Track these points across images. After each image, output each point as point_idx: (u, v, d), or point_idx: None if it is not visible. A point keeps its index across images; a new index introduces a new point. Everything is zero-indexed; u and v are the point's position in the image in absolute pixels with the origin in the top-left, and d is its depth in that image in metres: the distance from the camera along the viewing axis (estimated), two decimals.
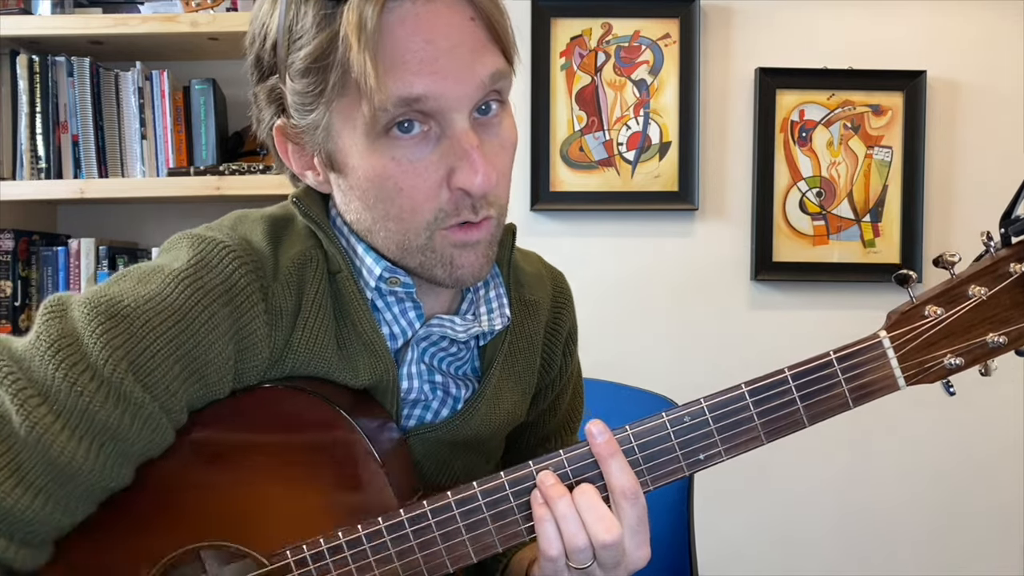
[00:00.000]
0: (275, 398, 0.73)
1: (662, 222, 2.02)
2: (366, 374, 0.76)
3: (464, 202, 0.70)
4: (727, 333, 2.02)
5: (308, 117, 0.69)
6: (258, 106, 0.75)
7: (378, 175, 0.69)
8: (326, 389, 0.74)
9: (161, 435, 0.68)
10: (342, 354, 0.75)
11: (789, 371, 0.71)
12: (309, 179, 0.76)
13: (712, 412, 0.71)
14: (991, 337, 0.70)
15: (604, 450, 0.70)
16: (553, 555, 0.68)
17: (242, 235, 0.74)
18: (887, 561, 2.06)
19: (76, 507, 0.67)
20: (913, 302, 0.71)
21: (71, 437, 0.64)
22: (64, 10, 1.80)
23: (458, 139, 0.68)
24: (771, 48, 2.01)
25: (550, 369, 0.92)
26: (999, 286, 0.69)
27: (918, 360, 0.71)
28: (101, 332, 0.65)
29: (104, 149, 1.80)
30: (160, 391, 0.67)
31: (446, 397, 0.82)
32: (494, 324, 0.81)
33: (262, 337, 0.72)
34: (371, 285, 0.76)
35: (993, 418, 2.04)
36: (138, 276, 0.71)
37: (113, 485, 0.68)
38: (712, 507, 1.95)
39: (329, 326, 0.75)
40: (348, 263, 0.76)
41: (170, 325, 0.68)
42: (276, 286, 0.72)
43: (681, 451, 0.71)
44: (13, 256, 1.78)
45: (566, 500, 0.69)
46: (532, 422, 0.94)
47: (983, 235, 0.71)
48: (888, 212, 2.01)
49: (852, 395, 0.71)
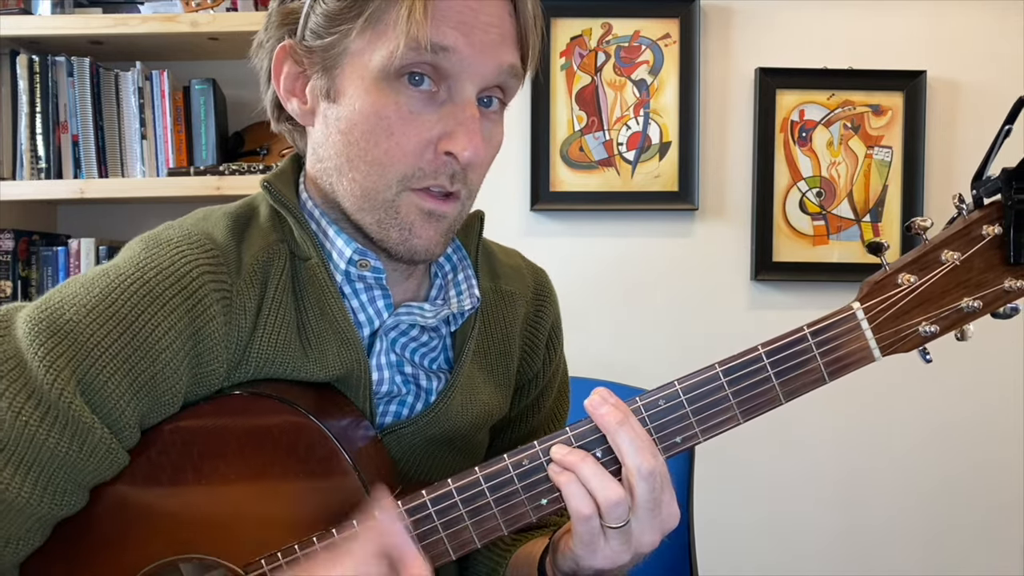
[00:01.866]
0: (240, 406, 0.71)
1: (662, 222, 2.02)
2: (336, 363, 0.74)
3: (445, 168, 0.70)
4: (727, 333, 2.02)
5: (325, 40, 0.70)
6: (268, 27, 0.75)
7: (375, 112, 0.69)
8: (291, 392, 0.72)
9: (112, 459, 0.66)
10: (308, 347, 0.74)
11: (763, 348, 0.70)
12: (292, 105, 0.75)
13: (687, 394, 0.69)
14: (966, 302, 0.69)
15: (611, 420, 0.67)
16: (587, 513, 0.66)
17: (204, 231, 0.72)
18: (887, 561, 2.06)
19: (24, 540, 0.65)
20: (886, 271, 0.70)
21: (16, 472, 0.62)
22: (64, 10, 1.80)
23: (462, 107, 0.69)
24: (771, 48, 2.01)
25: (532, 364, 0.91)
26: (972, 249, 0.69)
27: (893, 329, 0.70)
28: (44, 352, 0.63)
29: (104, 149, 1.79)
30: (108, 410, 0.65)
31: (419, 391, 0.81)
32: (463, 305, 0.80)
33: (219, 339, 0.69)
34: (341, 268, 0.75)
35: (993, 418, 2.04)
36: (83, 281, 0.68)
37: (64, 513, 0.66)
38: (712, 507, 1.95)
39: (291, 320, 0.73)
40: (318, 248, 0.75)
41: (116, 336, 0.65)
42: (240, 283, 0.71)
43: (657, 435, 0.69)
44: (13, 256, 1.78)
45: (590, 461, 0.67)
46: (515, 418, 0.93)
47: (955, 197, 0.70)
48: (888, 212, 2.01)
49: (827, 369, 0.69)
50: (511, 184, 1.96)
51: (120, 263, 0.70)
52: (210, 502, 0.70)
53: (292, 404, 0.70)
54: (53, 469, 0.63)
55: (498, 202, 1.96)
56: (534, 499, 0.69)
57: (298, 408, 0.70)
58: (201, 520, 0.70)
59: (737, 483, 2.01)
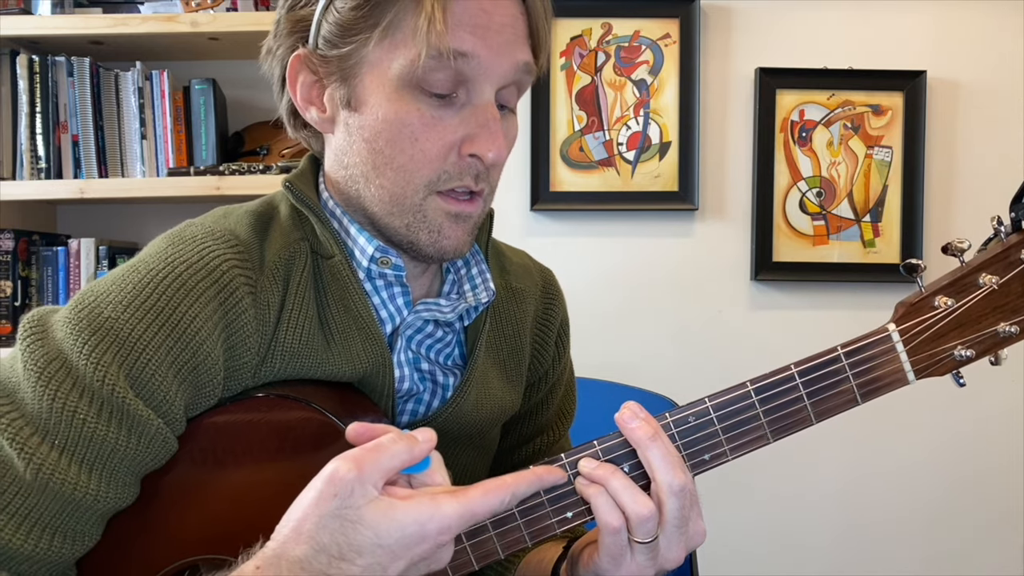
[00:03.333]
0: (264, 407, 0.71)
1: (662, 222, 2.02)
2: (362, 358, 0.75)
3: (470, 169, 0.72)
4: (727, 333, 2.02)
5: (341, 49, 0.70)
6: (277, 34, 0.75)
7: (399, 119, 0.70)
8: (315, 394, 0.72)
9: (168, 447, 0.68)
10: (331, 342, 0.74)
11: (795, 367, 0.69)
12: (311, 114, 0.76)
13: (717, 412, 0.69)
14: (1002, 327, 0.68)
15: (642, 435, 0.66)
16: (616, 526, 0.65)
17: (227, 228, 0.73)
18: (887, 561, 2.06)
19: (89, 535, 0.66)
20: (922, 293, 0.69)
21: (80, 469, 0.63)
22: (64, 10, 1.80)
23: (482, 108, 0.71)
24: (771, 48, 2.01)
25: (543, 361, 0.92)
26: (1010, 274, 0.67)
27: (928, 352, 0.69)
28: (89, 350, 0.64)
29: (104, 149, 1.79)
30: (159, 401, 0.66)
31: (435, 387, 0.82)
32: (480, 298, 0.81)
33: (251, 332, 0.70)
34: (363, 266, 0.76)
35: (994, 418, 2.04)
36: (113, 279, 0.69)
37: (123, 505, 0.67)
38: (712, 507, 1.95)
39: (313, 316, 0.74)
40: (341, 246, 0.76)
41: (156, 329, 0.66)
42: (263, 279, 0.72)
43: (686, 452, 0.69)
44: (13, 256, 1.78)
45: (619, 475, 0.66)
46: (524, 415, 0.94)
47: (993, 219, 0.68)
48: (888, 212, 2.01)
49: (860, 390, 0.69)
50: (511, 184, 1.96)
51: (147, 259, 0.70)
52: (232, 503, 0.70)
53: (315, 406, 0.70)
54: (115, 463, 0.64)
55: (498, 202, 1.94)
56: (559, 512, 0.69)
57: (322, 411, 0.70)
58: (222, 520, 0.70)
59: (738, 485, 2.01)
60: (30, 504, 0.62)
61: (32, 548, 0.62)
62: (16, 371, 0.65)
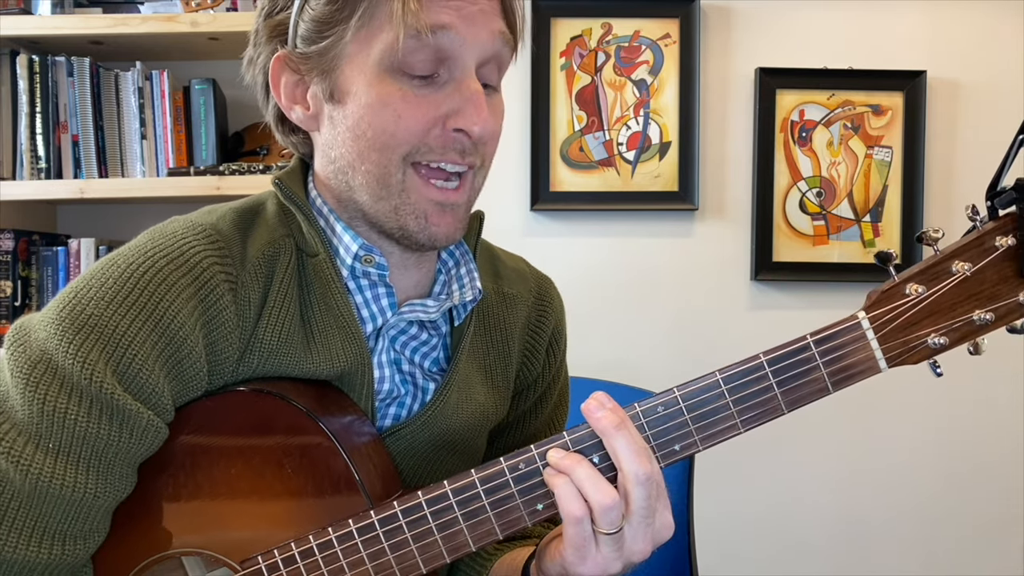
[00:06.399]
0: (242, 402, 0.71)
1: (662, 222, 2.02)
2: (340, 357, 0.75)
3: (455, 144, 0.72)
4: (727, 333, 2.02)
5: (319, 44, 0.71)
6: (257, 43, 0.76)
7: (381, 102, 0.70)
8: (293, 390, 0.73)
9: (159, 436, 0.68)
10: (311, 341, 0.74)
11: (764, 356, 0.69)
12: (296, 114, 0.76)
13: (686, 401, 0.68)
14: (977, 314, 0.67)
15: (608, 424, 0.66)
16: (579, 515, 0.65)
17: (209, 223, 0.73)
18: (887, 561, 2.06)
19: (98, 531, 0.67)
20: (894, 280, 0.68)
21: (77, 470, 0.63)
22: (64, 10, 1.80)
23: (465, 83, 0.71)
24: (771, 48, 2.01)
25: (531, 368, 0.91)
26: (984, 260, 0.66)
27: (900, 340, 0.68)
28: (75, 348, 0.64)
29: (104, 149, 1.79)
30: (148, 394, 0.66)
31: (416, 391, 0.82)
32: (465, 297, 0.81)
33: (231, 327, 0.70)
34: (347, 264, 0.76)
35: (993, 418, 2.04)
36: (93, 274, 0.69)
37: (125, 495, 0.68)
38: (712, 507, 1.95)
39: (295, 314, 0.74)
40: (326, 245, 0.76)
41: (140, 323, 0.66)
42: (244, 275, 0.72)
43: (655, 442, 0.68)
44: (13, 256, 1.78)
45: (585, 464, 0.66)
46: (513, 422, 0.93)
47: (968, 208, 0.68)
48: (888, 212, 2.01)
49: (831, 379, 0.68)
50: (511, 184, 1.96)
51: (127, 252, 0.70)
52: (210, 498, 0.71)
53: (293, 402, 0.71)
54: (110, 459, 0.65)
55: (498, 202, 1.96)
56: (530, 503, 0.69)
57: (298, 406, 0.70)
58: (201, 515, 0.70)
59: (737, 483, 2.02)
60: (35, 515, 0.63)
61: (47, 557, 0.63)
62: (4, 380, 0.65)
